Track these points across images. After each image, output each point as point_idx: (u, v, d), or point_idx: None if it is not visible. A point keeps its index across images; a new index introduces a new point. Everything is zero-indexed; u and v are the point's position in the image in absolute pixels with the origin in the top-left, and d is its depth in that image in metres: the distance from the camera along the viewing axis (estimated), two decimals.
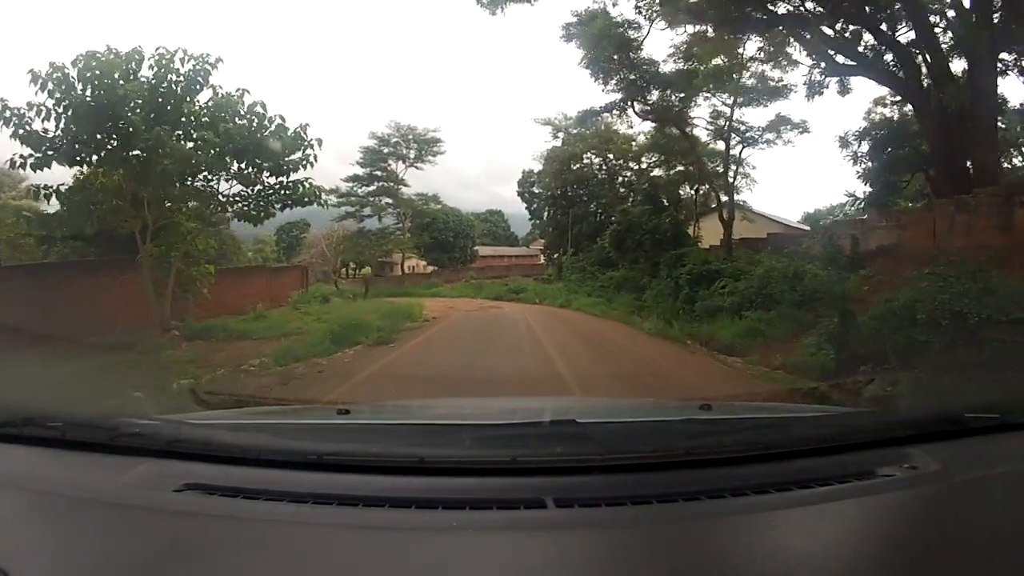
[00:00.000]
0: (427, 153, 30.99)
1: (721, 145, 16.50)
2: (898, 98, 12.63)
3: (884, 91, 13.29)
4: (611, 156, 22.99)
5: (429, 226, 31.72)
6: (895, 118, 13.76)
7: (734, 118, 15.46)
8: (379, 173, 30.86)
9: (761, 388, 5.32)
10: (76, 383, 4.85)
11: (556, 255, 25.82)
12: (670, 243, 14.32)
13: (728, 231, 14.43)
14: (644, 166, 22.46)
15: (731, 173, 16.25)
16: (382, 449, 1.09)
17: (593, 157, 23.69)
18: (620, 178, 23.54)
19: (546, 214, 26.88)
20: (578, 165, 23.51)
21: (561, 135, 23.70)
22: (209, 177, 8.55)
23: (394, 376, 6.00)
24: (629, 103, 14.94)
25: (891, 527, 0.92)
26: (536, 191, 27.90)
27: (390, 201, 31.23)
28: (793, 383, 5.00)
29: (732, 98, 14.98)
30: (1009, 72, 10.13)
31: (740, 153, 16.43)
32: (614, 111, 15.66)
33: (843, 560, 0.81)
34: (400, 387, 5.41)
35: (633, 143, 22.22)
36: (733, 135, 15.73)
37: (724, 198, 15.74)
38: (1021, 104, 11.84)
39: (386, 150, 30.66)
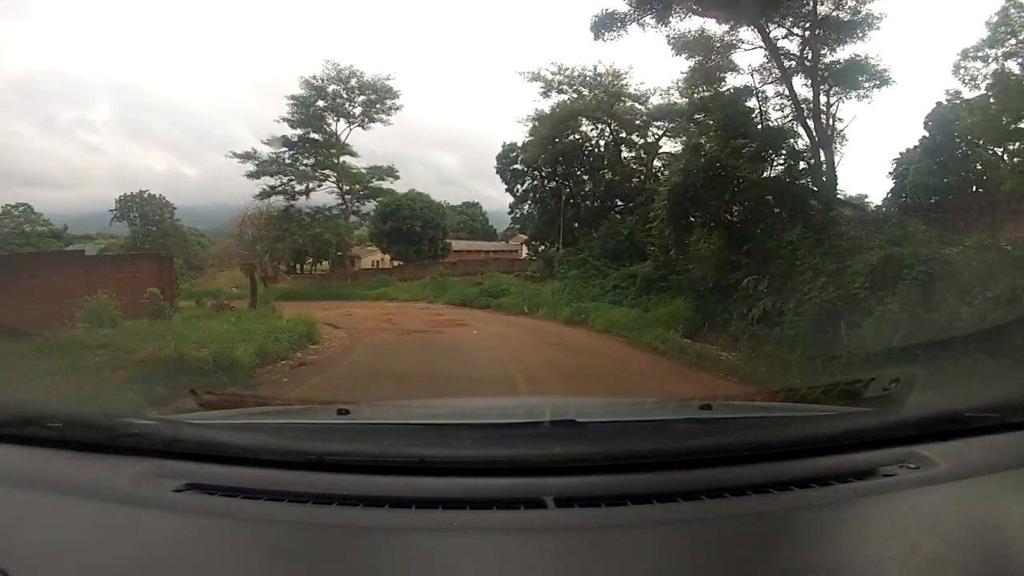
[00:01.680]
0: (378, 108, 27.94)
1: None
2: None
3: None
4: (613, 123, 21.90)
5: (393, 213, 30.45)
6: None
7: (806, 58, 12.54)
8: (317, 137, 27.91)
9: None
10: None
11: (543, 247, 24.88)
12: (796, 207, 9.67)
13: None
14: (655, 137, 21.55)
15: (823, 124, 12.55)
16: (382, 449, 1.28)
17: (589, 130, 22.59)
18: (626, 151, 22.47)
19: (531, 197, 25.68)
20: (574, 136, 22.38)
21: (553, 93, 22.09)
22: None
23: None
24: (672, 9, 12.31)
25: (891, 527, 1.08)
26: (519, 168, 25.99)
27: (328, 173, 28.24)
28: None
29: (807, 28, 12.34)
30: None
31: (829, 99, 13.13)
32: (649, 14, 12.43)
33: (843, 560, 0.97)
34: None
35: (643, 105, 21.26)
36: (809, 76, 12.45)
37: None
38: None
39: (322, 103, 27.56)
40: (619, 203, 21.42)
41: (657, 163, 21.37)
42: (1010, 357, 5.16)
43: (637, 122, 21.63)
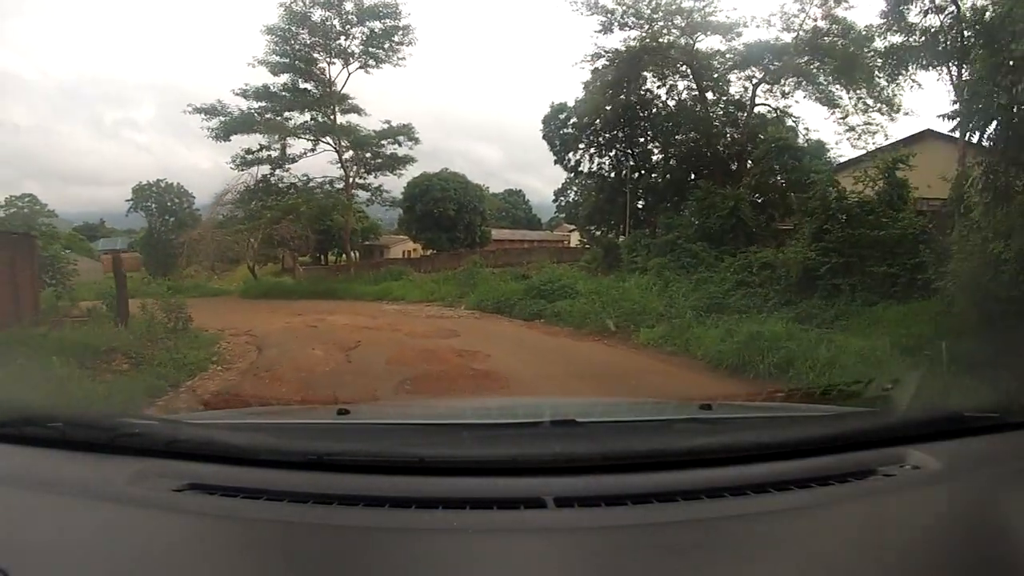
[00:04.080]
0: (385, 45, 26.17)
1: None
2: None
3: None
4: (695, 66, 20.47)
5: (422, 195, 30.70)
6: None
7: None
8: (308, 86, 26.43)
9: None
10: None
11: (601, 231, 24.27)
12: None
13: None
14: (750, 86, 20.36)
15: None
16: (382, 449, 1.54)
17: (656, 86, 21.35)
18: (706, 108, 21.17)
19: (587, 170, 24.57)
20: (641, 89, 21.36)
21: (616, 28, 20.19)
22: None
23: None
24: None
25: (891, 527, 1.31)
26: (570, 132, 24.59)
27: (318, 139, 26.52)
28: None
29: None
30: None
31: None
32: None
33: (843, 560, 1.18)
34: None
35: (733, 41, 19.93)
36: None
37: None
38: None
39: (308, 38, 25.79)
40: (693, 176, 20.69)
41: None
42: None
43: (718, 67, 20.48)
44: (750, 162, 19.54)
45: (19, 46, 59.95)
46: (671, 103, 21.87)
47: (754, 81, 20.51)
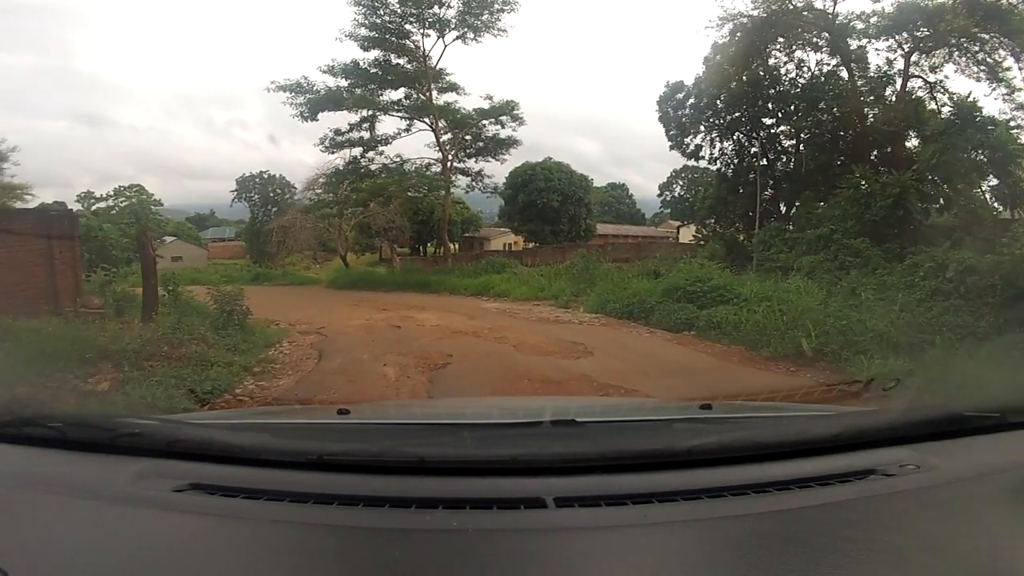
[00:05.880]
0: (483, 12, 25.71)
1: None
2: None
3: None
4: (833, 37, 19.36)
5: (525, 185, 31.24)
6: None
7: None
8: (402, 62, 25.91)
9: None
10: None
11: (720, 226, 23.49)
12: None
13: None
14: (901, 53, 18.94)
15: None
16: (382, 449, 1.64)
17: (784, 60, 20.37)
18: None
19: (707, 152, 23.73)
20: (770, 60, 20.38)
21: None
22: None
23: None
24: None
25: (891, 527, 1.39)
26: (688, 113, 23.54)
27: (413, 119, 26.44)
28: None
29: None
30: None
31: None
32: None
33: (843, 560, 1.24)
34: None
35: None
36: None
37: None
38: None
39: (398, 6, 25.09)
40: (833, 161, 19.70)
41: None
42: None
43: (860, 34, 19.32)
44: (910, 142, 18.57)
45: (139, 58, 75.66)
46: (801, 80, 20.93)
47: (906, 48, 19.18)
